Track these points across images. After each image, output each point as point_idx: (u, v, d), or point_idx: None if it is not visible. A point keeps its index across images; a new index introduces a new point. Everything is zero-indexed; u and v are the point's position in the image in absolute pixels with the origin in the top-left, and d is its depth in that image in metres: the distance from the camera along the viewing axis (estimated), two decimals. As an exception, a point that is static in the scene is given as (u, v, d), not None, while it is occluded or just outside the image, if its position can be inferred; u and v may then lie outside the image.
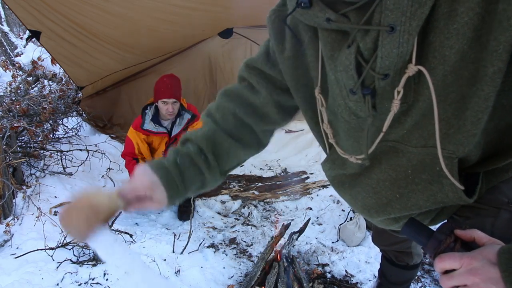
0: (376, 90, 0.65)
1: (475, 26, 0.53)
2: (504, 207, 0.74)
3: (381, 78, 0.61)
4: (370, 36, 0.58)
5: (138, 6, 2.58)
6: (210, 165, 0.86)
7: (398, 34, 0.55)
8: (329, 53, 0.67)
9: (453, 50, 0.56)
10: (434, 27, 0.56)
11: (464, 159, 0.69)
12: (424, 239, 0.65)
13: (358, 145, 0.76)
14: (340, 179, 0.91)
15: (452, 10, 0.54)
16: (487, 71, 0.55)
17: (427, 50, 0.58)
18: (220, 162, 0.88)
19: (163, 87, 2.55)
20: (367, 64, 0.61)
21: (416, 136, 0.68)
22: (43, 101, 3.69)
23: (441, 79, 0.59)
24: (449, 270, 0.59)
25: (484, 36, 0.54)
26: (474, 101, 0.58)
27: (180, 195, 0.83)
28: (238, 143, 0.91)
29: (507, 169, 0.75)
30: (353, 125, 0.74)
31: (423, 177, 0.72)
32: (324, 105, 0.77)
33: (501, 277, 0.52)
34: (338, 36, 0.65)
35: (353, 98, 0.67)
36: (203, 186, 0.89)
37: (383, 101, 0.66)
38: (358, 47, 0.61)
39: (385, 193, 0.80)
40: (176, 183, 0.81)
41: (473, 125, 0.61)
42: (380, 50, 0.57)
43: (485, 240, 0.60)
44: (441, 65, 0.58)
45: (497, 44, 0.52)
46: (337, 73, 0.66)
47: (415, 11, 0.53)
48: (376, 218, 0.88)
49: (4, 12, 7.24)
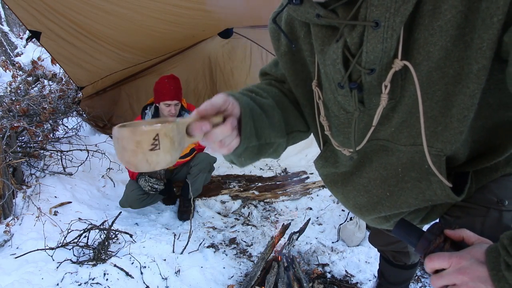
0: (363, 85, 0.66)
1: (459, 24, 0.54)
2: (494, 207, 0.75)
3: (367, 72, 0.63)
4: (357, 31, 0.60)
5: (138, 6, 2.58)
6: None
7: (382, 30, 0.56)
8: (319, 48, 0.69)
9: (436, 46, 0.57)
10: (419, 24, 0.57)
11: (452, 157, 0.70)
12: (414, 239, 0.65)
13: (348, 141, 0.78)
14: (332, 177, 0.92)
15: (436, 7, 0.55)
16: (472, 68, 0.56)
17: (413, 46, 0.59)
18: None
19: (165, 89, 2.55)
20: (354, 58, 0.62)
21: (405, 135, 0.70)
22: (43, 101, 3.69)
23: (426, 76, 0.60)
24: (439, 269, 0.60)
25: (468, 34, 0.55)
26: (459, 99, 0.59)
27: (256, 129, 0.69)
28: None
29: (496, 168, 0.76)
30: (343, 120, 0.75)
31: (412, 175, 0.73)
32: (321, 97, 0.78)
33: (489, 276, 0.53)
34: (328, 32, 0.67)
35: (341, 92, 0.69)
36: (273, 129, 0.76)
37: (370, 96, 0.67)
38: (345, 41, 0.62)
39: (376, 191, 0.81)
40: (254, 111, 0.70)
41: (459, 123, 0.61)
42: (365, 45, 0.59)
43: (474, 239, 0.61)
44: (425, 61, 0.59)
45: (481, 42, 0.53)
46: (326, 67, 0.68)
47: (399, 7, 0.54)
48: (367, 217, 0.89)
49: (4, 12, 7.25)
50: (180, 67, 4.17)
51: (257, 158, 0.77)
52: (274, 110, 0.76)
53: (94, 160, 3.27)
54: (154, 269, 2.03)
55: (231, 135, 0.63)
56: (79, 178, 3.02)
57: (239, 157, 0.72)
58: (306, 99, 0.85)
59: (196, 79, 4.48)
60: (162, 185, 2.61)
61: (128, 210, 2.79)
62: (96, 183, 3.11)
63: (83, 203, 2.72)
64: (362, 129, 0.73)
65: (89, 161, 3.22)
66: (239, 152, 0.68)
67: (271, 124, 0.74)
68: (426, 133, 0.65)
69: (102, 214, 2.64)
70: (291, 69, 0.82)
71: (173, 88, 2.56)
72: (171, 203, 3.05)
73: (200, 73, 4.47)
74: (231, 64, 4.47)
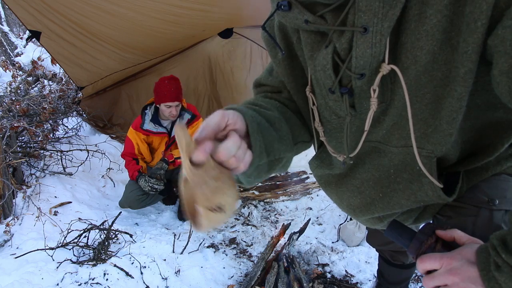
0: (353, 90, 0.66)
1: (444, 28, 0.55)
2: (484, 206, 0.75)
3: (357, 77, 0.63)
4: (345, 36, 0.60)
5: (138, 6, 2.57)
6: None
7: (371, 35, 0.57)
8: (309, 54, 0.69)
9: (423, 51, 0.57)
10: (406, 29, 0.58)
11: (443, 158, 0.70)
12: (406, 240, 0.66)
13: (341, 146, 0.78)
14: (326, 178, 0.92)
15: (422, 12, 0.55)
16: (458, 71, 0.56)
17: (400, 50, 0.60)
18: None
19: (166, 90, 2.54)
20: (344, 64, 0.62)
21: (397, 137, 0.70)
22: (43, 101, 3.69)
23: (415, 79, 0.61)
24: (431, 270, 0.60)
25: (454, 38, 0.55)
26: (448, 101, 0.60)
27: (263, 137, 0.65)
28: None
29: (487, 168, 0.76)
30: (335, 125, 0.76)
31: (404, 176, 0.73)
32: (316, 103, 0.78)
33: (479, 276, 0.54)
34: (317, 37, 0.67)
35: (332, 97, 0.69)
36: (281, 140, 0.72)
37: (361, 100, 0.68)
38: (334, 47, 0.62)
39: (369, 192, 0.82)
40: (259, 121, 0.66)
41: (448, 125, 0.62)
42: (355, 50, 0.59)
43: (465, 239, 0.61)
44: (413, 65, 0.59)
45: (466, 46, 0.53)
46: (316, 72, 0.68)
47: (386, 12, 0.55)
48: (361, 218, 0.90)
49: (4, 12, 7.25)
50: (180, 67, 4.17)
51: (267, 175, 0.72)
52: (281, 122, 0.73)
53: (94, 160, 3.28)
54: (154, 269, 2.03)
55: (242, 148, 0.56)
56: (79, 178, 3.02)
57: (248, 177, 0.66)
58: (306, 104, 0.83)
59: (196, 79, 4.47)
60: (162, 185, 2.61)
61: (128, 210, 2.80)
62: (96, 183, 3.11)
63: (83, 203, 2.72)
64: (354, 133, 0.74)
65: (89, 161, 3.22)
66: (249, 172, 0.62)
67: (280, 138, 0.70)
68: (417, 134, 0.65)
69: (102, 214, 2.64)
70: (290, 75, 0.80)
71: (173, 90, 2.56)
72: (171, 203, 3.05)
73: (200, 73, 4.47)
74: (231, 64, 4.46)
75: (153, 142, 2.82)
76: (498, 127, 0.69)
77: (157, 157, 2.83)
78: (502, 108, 0.64)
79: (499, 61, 0.51)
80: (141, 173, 2.62)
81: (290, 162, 0.79)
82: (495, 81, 0.54)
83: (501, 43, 0.50)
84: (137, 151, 2.74)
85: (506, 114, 0.66)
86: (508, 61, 0.50)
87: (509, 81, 0.51)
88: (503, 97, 0.55)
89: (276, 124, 0.70)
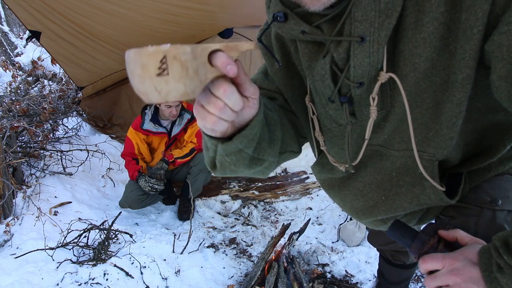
0: (353, 98, 0.66)
1: (442, 35, 0.55)
2: (487, 206, 0.75)
3: (356, 86, 0.63)
4: (343, 46, 0.60)
5: (138, 6, 2.58)
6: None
7: (368, 44, 0.57)
8: (307, 64, 0.69)
9: (422, 58, 0.58)
10: (403, 37, 0.58)
11: (445, 160, 0.70)
12: (408, 240, 0.66)
13: (343, 152, 0.78)
14: (329, 182, 0.93)
15: (418, 20, 0.55)
16: (457, 77, 0.56)
17: (398, 58, 0.60)
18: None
19: None
20: (342, 73, 0.62)
21: (398, 140, 0.70)
22: (43, 101, 3.69)
23: (414, 86, 0.61)
24: (433, 270, 0.60)
25: (452, 44, 0.55)
26: (447, 107, 0.60)
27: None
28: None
29: (489, 168, 0.76)
30: (336, 133, 0.76)
31: (406, 179, 0.74)
32: (315, 113, 0.78)
33: (481, 277, 0.54)
34: (315, 47, 0.67)
35: (332, 106, 0.69)
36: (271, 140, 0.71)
37: (361, 108, 0.68)
38: (332, 57, 0.62)
39: (371, 195, 0.82)
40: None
41: (449, 129, 0.62)
42: (352, 59, 0.59)
43: (467, 239, 0.61)
44: (412, 72, 0.60)
45: (464, 52, 0.54)
46: (315, 82, 0.68)
47: (382, 21, 0.55)
48: (364, 220, 0.90)
49: (4, 12, 7.24)
50: (180, 67, 4.17)
51: (245, 170, 0.67)
52: (276, 126, 0.70)
53: (94, 160, 3.27)
54: (154, 269, 2.03)
55: (241, 100, 0.50)
56: (79, 178, 3.02)
57: (228, 155, 0.61)
58: (305, 113, 0.83)
59: (196, 79, 4.48)
60: (162, 186, 2.61)
61: (128, 210, 2.79)
62: (96, 183, 3.11)
63: (83, 203, 2.72)
64: (356, 139, 0.74)
65: (89, 161, 3.22)
66: (231, 149, 0.59)
67: (271, 140, 0.67)
68: (418, 138, 0.66)
69: (102, 214, 2.64)
70: (288, 84, 0.80)
71: None
72: (171, 203, 3.05)
73: (200, 73, 4.47)
74: (231, 64, 4.46)
75: (153, 142, 2.82)
76: (499, 129, 0.69)
77: (157, 157, 2.84)
78: (503, 111, 0.64)
79: (497, 66, 0.52)
80: (141, 173, 2.62)
81: (270, 170, 0.75)
82: (494, 86, 0.54)
83: (498, 49, 0.50)
84: (137, 151, 2.75)
85: (507, 116, 0.66)
86: (505, 66, 0.50)
87: (508, 86, 0.52)
88: (502, 101, 0.55)
89: (272, 126, 0.69)
